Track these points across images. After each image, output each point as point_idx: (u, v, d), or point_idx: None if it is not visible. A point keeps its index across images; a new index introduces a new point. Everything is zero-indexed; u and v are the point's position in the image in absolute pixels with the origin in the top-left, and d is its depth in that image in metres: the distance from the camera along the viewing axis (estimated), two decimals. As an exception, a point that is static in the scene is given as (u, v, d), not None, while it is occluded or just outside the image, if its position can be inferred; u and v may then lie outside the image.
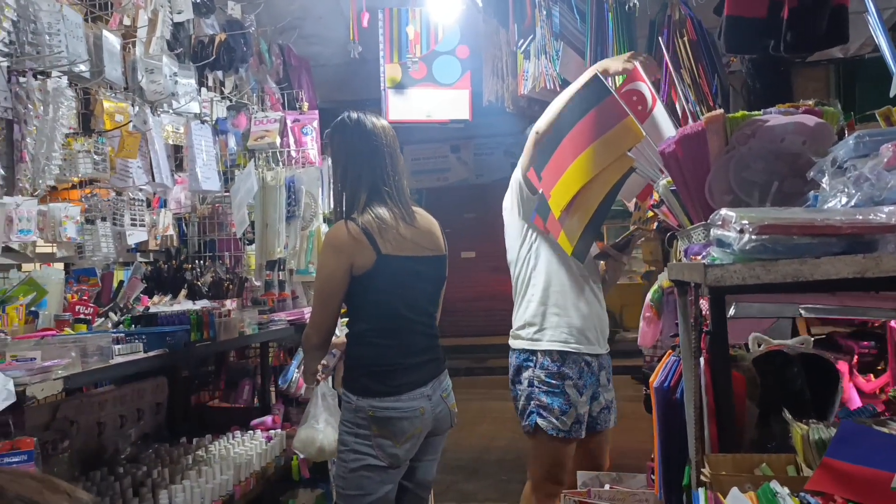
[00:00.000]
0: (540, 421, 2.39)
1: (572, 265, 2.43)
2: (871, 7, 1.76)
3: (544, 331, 2.42)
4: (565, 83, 3.42)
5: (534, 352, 2.43)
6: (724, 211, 1.19)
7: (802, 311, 2.03)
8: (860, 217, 1.07)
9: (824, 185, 1.22)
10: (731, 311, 2.08)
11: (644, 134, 1.99)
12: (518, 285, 2.52)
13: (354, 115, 2.21)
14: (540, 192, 2.36)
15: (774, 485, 1.11)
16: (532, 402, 2.41)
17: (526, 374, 2.43)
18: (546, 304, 2.43)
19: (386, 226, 2.07)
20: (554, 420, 2.38)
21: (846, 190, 1.16)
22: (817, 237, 1.09)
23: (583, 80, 2.22)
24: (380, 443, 2.03)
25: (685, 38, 2.85)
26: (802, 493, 1.08)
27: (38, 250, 2.62)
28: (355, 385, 2.08)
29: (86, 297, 2.61)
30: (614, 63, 2.32)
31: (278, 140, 3.57)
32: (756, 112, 1.55)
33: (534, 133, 2.31)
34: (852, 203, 1.14)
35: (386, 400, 2.03)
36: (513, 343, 2.51)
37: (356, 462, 2.04)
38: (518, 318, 2.51)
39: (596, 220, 2.14)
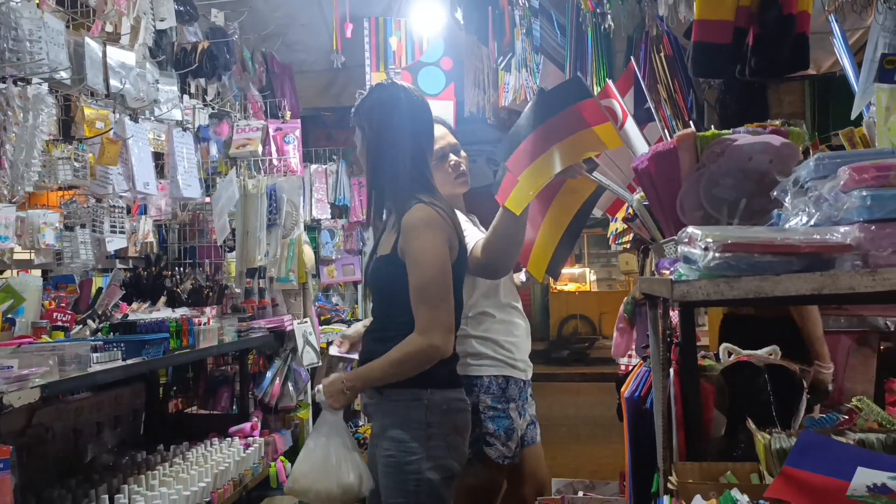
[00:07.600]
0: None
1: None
2: (837, 31, 1.83)
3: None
4: (546, 95, 3.48)
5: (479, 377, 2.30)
6: (690, 229, 1.23)
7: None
8: (817, 236, 1.12)
9: (787, 205, 1.27)
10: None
11: (621, 142, 1.98)
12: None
13: (398, 86, 1.92)
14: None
15: (735, 492, 1.15)
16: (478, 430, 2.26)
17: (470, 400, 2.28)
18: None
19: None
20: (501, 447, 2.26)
21: (807, 209, 1.21)
22: (778, 255, 1.13)
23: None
24: None
25: (661, 54, 2.92)
26: (762, 501, 1.12)
27: (15, 257, 2.61)
28: None
29: (63, 304, 2.59)
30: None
31: (260, 148, 3.59)
32: (726, 131, 1.60)
33: None
34: (812, 222, 1.18)
35: None
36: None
37: None
38: None
39: (566, 240, 2.17)
